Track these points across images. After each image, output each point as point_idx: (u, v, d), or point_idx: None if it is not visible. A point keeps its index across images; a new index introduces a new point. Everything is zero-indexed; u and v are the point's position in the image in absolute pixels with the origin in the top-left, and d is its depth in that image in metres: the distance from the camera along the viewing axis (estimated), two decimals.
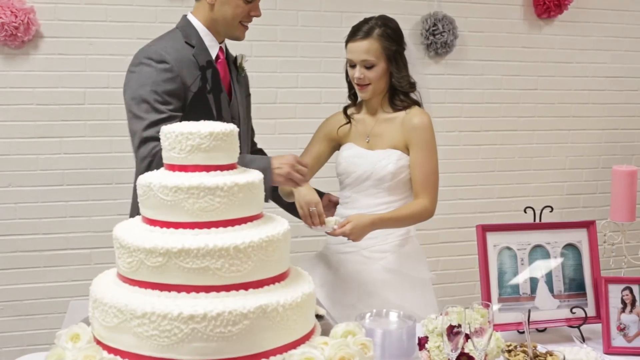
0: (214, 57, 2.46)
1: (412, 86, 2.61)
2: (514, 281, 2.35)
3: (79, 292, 3.66)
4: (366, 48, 2.53)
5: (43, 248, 3.68)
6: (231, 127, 1.75)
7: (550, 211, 2.47)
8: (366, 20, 2.60)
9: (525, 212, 2.49)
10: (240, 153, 2.48)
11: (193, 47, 2.41)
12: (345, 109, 2.73)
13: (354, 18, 3.91)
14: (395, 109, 2.61)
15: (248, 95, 2.72)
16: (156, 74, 2.29)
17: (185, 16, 2.50)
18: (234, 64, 2.61)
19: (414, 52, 2.69)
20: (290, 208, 2.63)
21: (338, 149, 2.77)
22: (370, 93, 2.59)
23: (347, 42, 2.60)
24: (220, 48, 2.52)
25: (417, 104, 2.62)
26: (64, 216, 3.68)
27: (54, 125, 3.62)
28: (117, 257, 1.70)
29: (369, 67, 2.54)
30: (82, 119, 3.65)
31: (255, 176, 1.75)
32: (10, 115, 3.56)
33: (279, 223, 1.79)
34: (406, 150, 2.59)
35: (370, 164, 2.59)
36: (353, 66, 2.58)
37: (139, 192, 1.73)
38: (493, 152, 4.38)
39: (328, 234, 2.52)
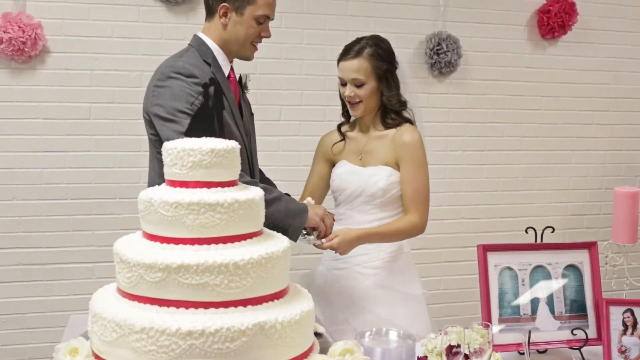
0: (226, 75, 2.49)
1: (403, 105, 2.65)
2: (515, 302, 2.35)
3: (81, 306, 3.63)
4: (356, 67, 2.57)
5: (46, 261, 3.68)
6: (232, 144, 1.76)
7: (552, 232, 2.47)
8: (358, 40, 2.63)
9: (526, 232, 2.49)
10: (252, 170, 2.53)
11: (210, 65, 2.43)
12: (339, 127, 2.77)
13: (359, 36, 4.00)
14: (387, 126, 2.64)
15: (252, 114, 2.74)
16: (189, 87, 2.30)
17: (197, 35, 2.52)
18: (239, 83, 2.64)
19: (406, 71, 2.72)
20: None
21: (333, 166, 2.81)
22: (361, 111, 2.63)
23: (338, 60, 2.65)
24: (231, 67, 2.55)
25: (409, 121, 2.65)
26: (67, 230, 3.69)
27: (58, 140, 3.63)
28: (117, 272, 1.70)
29: (359, 85, 2.59)
30: (87, 133, 3.66)
31: (255, 193, 1.76)
32: (15, 129, 3.58)
33: (279, 240, 1.80)
34: (397, 166, 2.62)
35: (362, 180, 2.62)
36: (344, 84, 2.63)
37: (140, 206, 1.74)
38: (496, 171, 4.38)
39: (316, 246, 2.54)
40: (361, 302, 2.60)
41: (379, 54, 2.59)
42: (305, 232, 2.51)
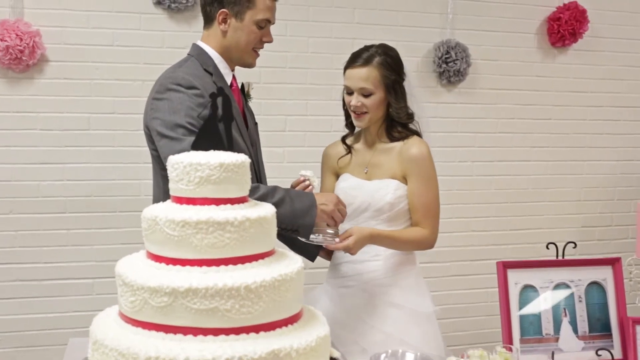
0: (228, 84, 2.40)
1: (410, 117, 2.55)
2: (537, 321, 2.24)
3: (80, 324, 3.56)
4: (365, 76, 2.47)
5: (43, 277, 3.58)
6: (242, 158, 1.65)
7: (574, 247, 2.36)
8: (366, 48, 2.53)
9: (547, 248, 2.39)
10: (259, 181, 2.43)
11: (211, 74, 2.34)
12: (343, 139, 2.66)
13: (365, 44, 3.90)
14: (393, 139, 2.54)
15: (256, 123, 2.64)
16: (188, 100, 2.21)
17: (196, 44, 2.42)
18: (242, 92, 2.54)
19: (413, 81, 2.62)
20: (302, 249, 2.56)
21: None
22: (366, 122, 2.53)
23: (345, 68, 2.54)
24: (233, 75, 2.46)
25: (417, 133, 2.55)
26: (65, 245, 3.59)
27: (57, 151, 3.54)
28: (119, 295, 1.59)
29: (367, 95, 2.48)
30: (86, 145, 3.57)
31: (267, 210, 1.65)
32: (12, 141, 3.49)
33: (292, 260, 1.68)
34: (404, 180, 2.52)
35: (368, 194, 2.52)
36: (350, 93, 2.52)
37: (144, 225, 1.63)
38: (506, 183, 4.28)
39: (328, 247, 2.42)
40: (370, 321, 2.49)
41: (388, 63, 2.49)
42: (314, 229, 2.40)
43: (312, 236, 2.36)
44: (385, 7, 3.95)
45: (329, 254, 2.65)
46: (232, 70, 2.45)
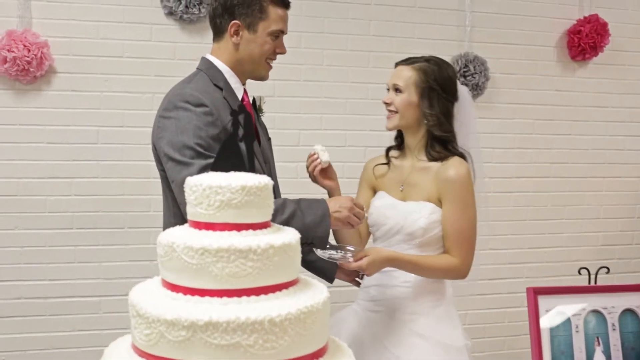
0: (240, 99, 2.30)
1: (445, 131, 2.40)
2: (569, 350, 2.13)
3: (87, 343, 3.48)
4: (402, 74, 2.43)
5: (49, 295, 3.47)
6: (265, 181, 1.54)
7: (607, 272, 2.25)
8: (422, 56, 2.47)
9: (579, 273, 2.27)
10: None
11: (221, 89, 2.24)
12: (387, 150, 2.56)
13: (382, 58, 3.84)
14: (431, 158, 2.41)
15: (269, 139, 2.54)
16: (197, 119, 2.10)
17: (205, 58, 2.33)
18: (253, 106, 2.44)
19: (469, 109, 2.51)
20: (319, 271, 2.45)
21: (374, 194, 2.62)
22: (394, 123, 2.44)
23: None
24: (245, 90, 2.36)
25: (459, 155, 2.41)
26: (72, 262, 3.48)
27: (64, 165, 3.45)
28: (132, 327, 1.48)
29: (398, 92, 2.41)
30: (94, 159, 3.48)
31: (292, 236, 1.54)
32: (19, 154, 3.39)
33: (318, 290, 1.57)
34: (440, 203, 2.38)
35: (401, 216, 2.39)
36: (388, 91, 2.46)
37: (160, 251, 1.52)
38: (524, 200, 4.16)
39: (342, 265, 2.32)
40: (395, 350, 2.36)
41: (432, 71, 2.39)
42: (328, 245, 2.28)
43: (326, 253, 2.26)
44: (401, 19, 3.86)
45: (349, 275, 2.54)
46: (243, 84, 2.35)
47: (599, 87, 4.24)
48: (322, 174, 2.44)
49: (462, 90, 2.49)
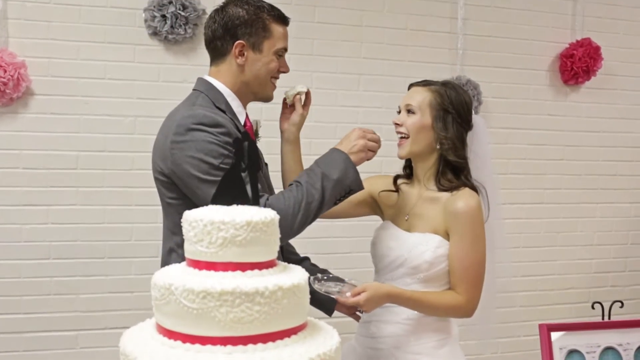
0: (242, 123, 2.18)
1: (459, 156, 2.27)
2: None
3: None
4: (416, 95, 2.29)
5: (23, 329, 3.29)
6: (272, 215, 1.41)
7: (621, 307, 2.14)
8: (438, 81, 2.35)
9: (593, 308, 2.16)
10: None
11: (224, 112, 2.12)
12: (396, 178, 2.42)
13: (373, 81, 3.74)
14: (440, 188, 2.28)
15: (266, 164, 2.41)
16: (215, 139, 2.00)
17: (203, 79, 2.20)
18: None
19: (486, 143, 2.39)
20: (319, 303, 2.32)
21: (374, 212, 2.49)
22: (407, 149, 2.28)
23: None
24: (247, 114, 2.24)
25: (470, 186, 2.27)
26: (48, 294, 3.31)
27: (42, 192, 3.29)
28: None
29: (410, 113, 2.27)
30: (73, 185, 3.33)
31: (300, 276, 1.41)
32: None
33: (328, 335, 1.44)
34: (447, 236, 2.24)
35: (406, 249, 2.25)
36: (399, 113, 2.33)
37: (155, 294, 1.37)
38: (517, 226, 4.05)
39: (338, 300, 2.17)
40: None
41: (449, 94, 2.27)
42: (323, 277, 2.17)
43: (323, 287, 2.13)
44: (393, 41, 3.77)
45: (349, 309, 2.40)
46: (245, 107, 2.24)
47: (592, 111, 4.18)
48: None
49: (478, 120, 2.36)
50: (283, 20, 2.21)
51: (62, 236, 3.32)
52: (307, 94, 2.38)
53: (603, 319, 2.14)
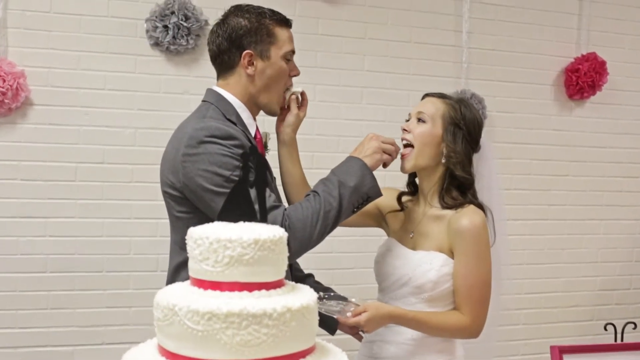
0: (253, 135, 2.15)
1: (466, 172, 2.22)
2: None
3: None
4: (429, 104, 2.25)
5: (19, 344, 3.22)
6: (280, 233, 1.35)
7: (634, 328, 2.08)
8: (454, 96, 2.32)
9: (605, 329, 2.10)
10: None
11: (234, 124, 2.08)
12: (400, 195, 2.36)
13: (376, 94, 3.69)
14: (445, 206, 2.22)
15: (274, 178, 2.36)
16: (229, 151, 1.96)
17: (213, 90, 2.16)
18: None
19: (494, 167, 2.35)
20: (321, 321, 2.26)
21: (379, 225, 2.45)
22: (412, 162, 2.22)
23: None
24: (257, 126, 2.20)
25: (476, 204, 2.21)
26: (44, 308, 3.25)
27: (39, 204, 3.23)
28: None
29: (421, 122, 2.22)
30: (72, 197, 3.27)
31: (309, 297, 1.35)
32: None
33: (337, 357, 1.38)
34: (452, 254, 2.19)
35: (410, 267, 2.19)
36: (408, 121, 2.27)
37: (157, 314, 1.32)
38: (521, 243, 4.00)
39: (339, 320, 2.12)
40: None
41: (461, 111, 2.23)
42: (325, 295, 2.11)
43: (324, 306, 2.08)
44: (396, 54, 3.73)
45: (351, 328, 2.34)
46: (255, 119, 2.20)
47: (597, 126, 4.14)
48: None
49: (486, 143, 2.32)
50: (286, 23, 2.18)
51: (60, 249, 3.26)
52: (303, 94, 2.31)
53: (615, 340, 2.08)
